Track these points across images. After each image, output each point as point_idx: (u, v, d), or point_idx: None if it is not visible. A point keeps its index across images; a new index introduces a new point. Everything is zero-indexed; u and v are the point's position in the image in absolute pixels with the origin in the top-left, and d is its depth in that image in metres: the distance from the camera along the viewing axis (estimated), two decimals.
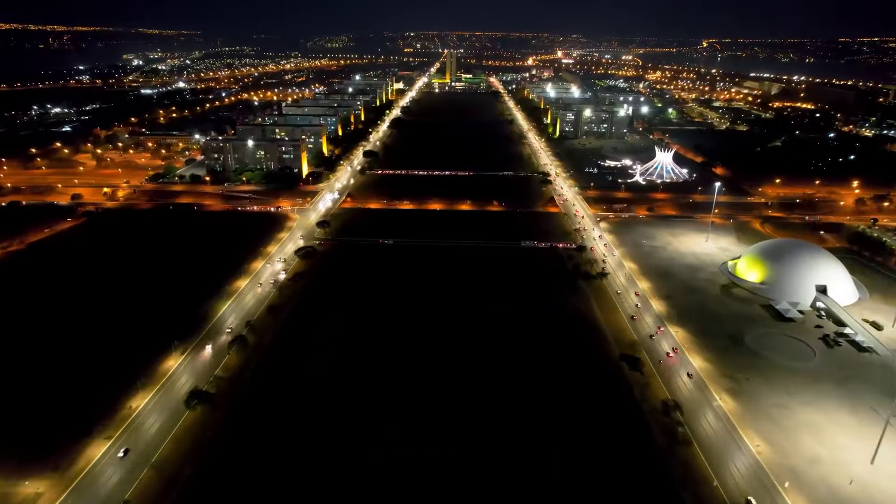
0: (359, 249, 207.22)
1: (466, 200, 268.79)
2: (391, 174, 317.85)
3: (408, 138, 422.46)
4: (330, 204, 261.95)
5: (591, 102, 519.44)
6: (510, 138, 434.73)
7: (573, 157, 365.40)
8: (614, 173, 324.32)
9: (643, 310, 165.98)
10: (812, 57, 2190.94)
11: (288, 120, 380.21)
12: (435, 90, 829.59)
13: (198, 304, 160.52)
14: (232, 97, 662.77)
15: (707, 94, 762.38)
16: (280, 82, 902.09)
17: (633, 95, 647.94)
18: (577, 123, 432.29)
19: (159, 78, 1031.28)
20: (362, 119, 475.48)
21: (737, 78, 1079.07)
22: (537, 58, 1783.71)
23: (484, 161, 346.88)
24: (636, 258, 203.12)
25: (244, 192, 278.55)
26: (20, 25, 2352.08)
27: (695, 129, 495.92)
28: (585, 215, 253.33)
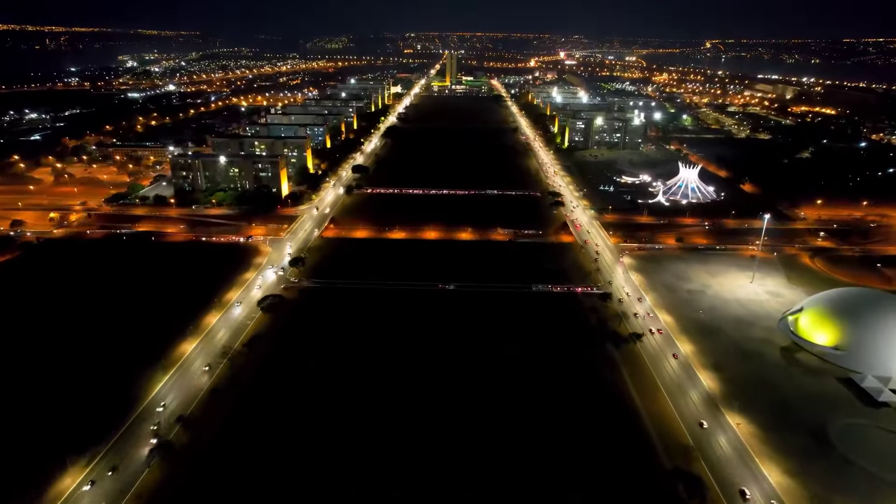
0: (336, 297, 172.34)
1: (467, 227, 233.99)
2: (382, 193, 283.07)
3: (403, 149, 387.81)
4: (310, 231, 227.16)
5: (600, 109, 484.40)
6: (515, 149, 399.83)
7: (585, 172, 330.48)
8: (633, 192, 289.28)
9: (688, 382, 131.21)
10: (817, 58, 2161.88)
11: (271, 131, 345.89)
12: (434, 93, 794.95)
13: (124, 382, 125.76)
14: (220, 102, 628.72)
15: (720, 98, 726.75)
16: (273, 85, 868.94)
17: (643, 100, 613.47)
18: (587, 133, 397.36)
19: (150, 80, 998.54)
20: (354, 127, 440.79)
21: (746, 80, 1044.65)
22: (539, 59, 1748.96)
23: (486, 177, 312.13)
24: (672, 307, 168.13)
25: (213, 216, 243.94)
26: (17, 26, 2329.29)
27: (712, 138, 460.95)
28: (605, 246, 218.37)
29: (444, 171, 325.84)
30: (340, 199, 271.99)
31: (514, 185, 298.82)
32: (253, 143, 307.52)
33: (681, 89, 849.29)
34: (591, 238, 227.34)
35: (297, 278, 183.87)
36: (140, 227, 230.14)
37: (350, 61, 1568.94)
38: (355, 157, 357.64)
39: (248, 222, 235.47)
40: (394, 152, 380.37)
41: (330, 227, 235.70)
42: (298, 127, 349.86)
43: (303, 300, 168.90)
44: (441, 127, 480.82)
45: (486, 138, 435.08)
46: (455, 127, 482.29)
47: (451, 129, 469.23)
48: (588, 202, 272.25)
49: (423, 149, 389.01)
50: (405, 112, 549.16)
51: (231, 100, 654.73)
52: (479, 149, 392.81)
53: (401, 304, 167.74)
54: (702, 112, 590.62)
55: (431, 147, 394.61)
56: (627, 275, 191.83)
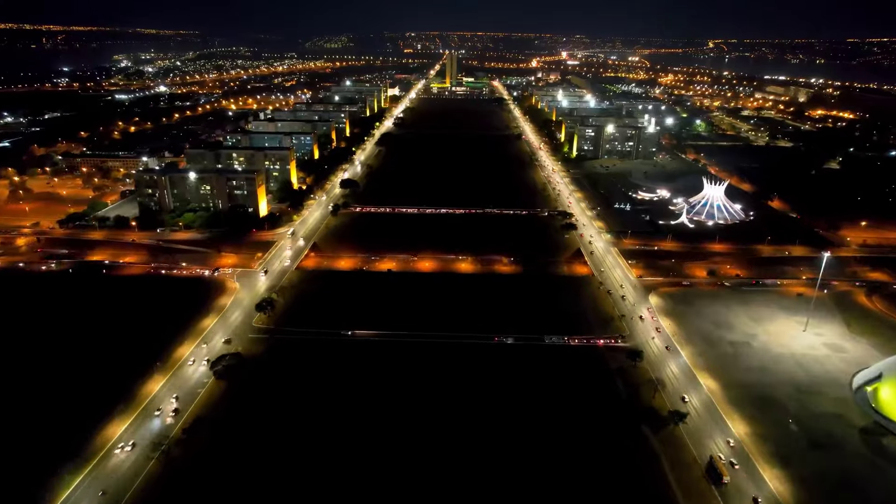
0: (308, 353, 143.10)
1: (467, 255, 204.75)
2: (373, 213, 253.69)
3: (398, 159, 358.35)
4: (287, 262, 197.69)
5: (609, 114, 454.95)
6: (519, 159, 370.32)
7: (597, 185, 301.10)
8: (651, 210, 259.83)
9: (750, 484, 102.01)
10: (822, 58, 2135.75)
11: (253, 140, 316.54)
12: (434, 95, 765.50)
13: (28, 490, 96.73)
14: (208, 105, 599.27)
15: (732, 101, 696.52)
16: (267, 87, 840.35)
17: (651, 103, 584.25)
18: (597, 141, 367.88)
19: (141, 81, 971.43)
20: (347, 134, 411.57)
21: (755, 82, 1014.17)
22: (541, 59, 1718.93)
23: (489, 191, 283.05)
24: (715, 368, 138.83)
25: (180, 242, 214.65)
26: (14, 25, 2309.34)
27: (729, 146, 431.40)
28: (626, 279, 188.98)
29: (441, 184, 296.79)
30: (325, 220, 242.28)
31: (519, 202, 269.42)
32: (231, 155, 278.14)
33: (689, 91, 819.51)
34: (609, 268, 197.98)
35: (264, 325, 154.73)
36: (94, 256, 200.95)
37: (349, 61, 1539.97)
38: (346, 169, 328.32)
39: (218, 249, 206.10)
40: (388, 163, 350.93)
41: (310, 255, 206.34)
42: (283, 136, 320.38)
43: (267, 360, 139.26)
44: (439, 133, 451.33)
45: (488, 146, 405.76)
46: (454, 133, 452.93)
47: (450, 136, 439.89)
48: (603, 223, 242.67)
49: (419, 158, 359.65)
50: (402, 116, 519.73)
51: (221, 102, 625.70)
52: (481, 158, 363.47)
53: (385, 363, 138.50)
54: (714, 116, 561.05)
55: (429, 156, 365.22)
56: (656, 319, 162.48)
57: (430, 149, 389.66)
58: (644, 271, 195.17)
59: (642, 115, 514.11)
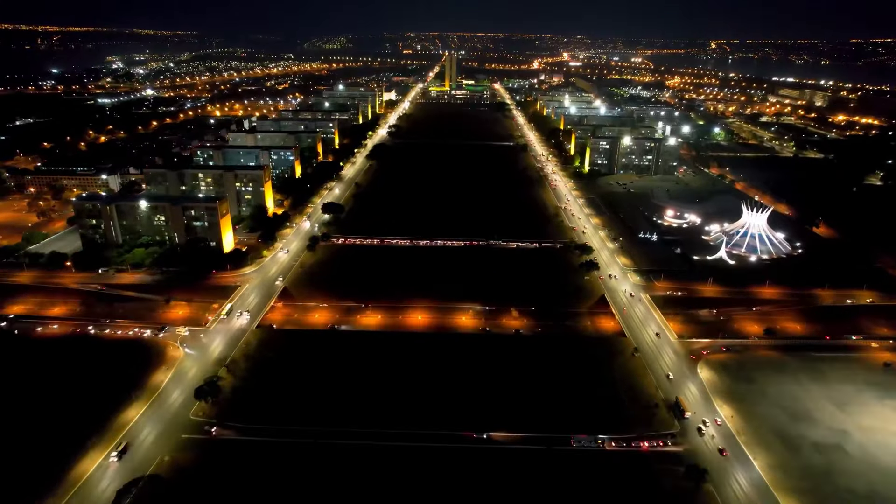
0: (258, 464, 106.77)
1: (468, 305, 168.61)
2: (358, 246, 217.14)
3: (390, 176, 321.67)
4: (246, 319, 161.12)
5: (623, 123, 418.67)
6: (526, 174, 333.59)
7: (615, 208, 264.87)
8: (681, 241, 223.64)
9: None
10: (827, 59, 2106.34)
11: (226, 156, 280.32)
12: (432, 99, 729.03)
13: None
14: (191, 111, 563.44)
15: (747, 106, 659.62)
16: (259, 90, 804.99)
17: (664, 109, 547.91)
18: (612, 155, 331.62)
19: (129, 84, 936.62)
20: (336, 145, 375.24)
21: (765, 84, 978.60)
22: (543, 60, 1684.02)
23: (493, 216, 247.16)
24: (802, 490, 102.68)
25: (124, 286, 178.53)
26: (10, 25, 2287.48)
27: (753, 157, 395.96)
28: (666, 341, 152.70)
29: (439, 208, 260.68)
30: (301, 256, 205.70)
31: (529, 230, 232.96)
32: (197, 176, 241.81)
33: (699, 95, 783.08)
34: (642, 323, 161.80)
35: (205, 417, 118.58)
36: (12, 308, 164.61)
37: (346, 63, 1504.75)
38: (331, 188, 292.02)
39: (167, 299, 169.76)
40: (379, 180, 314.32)
41: (277, 305, 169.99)
42: (261, 151, 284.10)
43: (198, 486, 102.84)
44: (438, 143, 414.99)
45: (491, 158, 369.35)
46: (454, 143, 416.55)
47: (449, 146, 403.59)
48: (628, 259, 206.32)
49: (414, 174, 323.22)
50: (397, 124, 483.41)
51: (206, 108, 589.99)
52: (483, 174, 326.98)
53: (368, 485, 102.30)
54: (732, 123, 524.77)
55: (425, 172, 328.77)
56: (711, 404, 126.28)
57: (427, 162, 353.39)
58: (685, 327, 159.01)
59: (655, 123, 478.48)
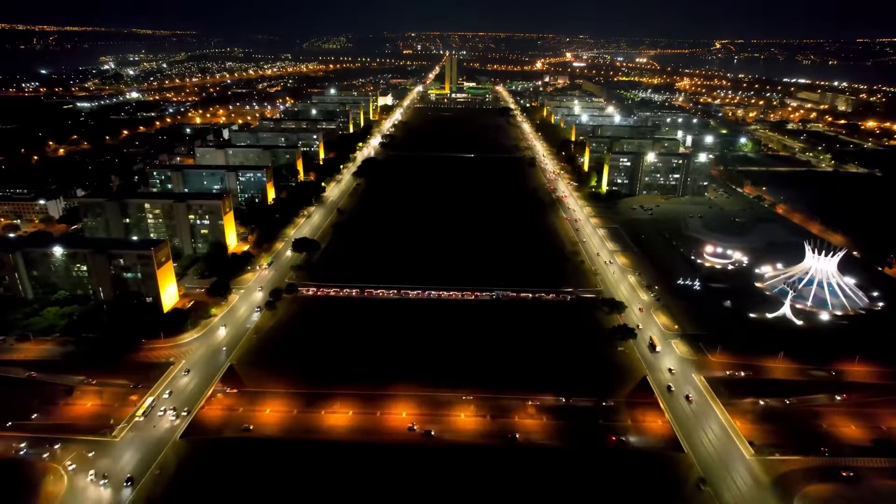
0: None
1: (468, 393, 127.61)
2: (332, 297, 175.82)
3: (378, 200, 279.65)
4: (171, 419, 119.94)
5: (642, 134, 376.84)
6: (536, 196, 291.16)
7: (644, 244, 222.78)
8: (730, 290, 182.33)
9: None
10: (835, 59, 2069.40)
11: (187, 178, 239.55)
12: (431, 104, 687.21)
13: None
14: (168, 119, 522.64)
15: (767, 111, 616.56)
16: (249, 93, 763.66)
17: (681, 115, 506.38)
18: (634, 173, 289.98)
19: (115, 86, 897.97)
20: (321, 159, 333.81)
21: (779, 86, 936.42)
22: (546, 61, 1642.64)
23: (498, 253, 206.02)
24: None
25: (23, 363, 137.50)
26: (7, 25, 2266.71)
27: (787, 171, 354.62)
28: (740, 457, 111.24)
29: (433, 241, 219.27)
30: (259, 316, 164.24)
31: (542, 274, 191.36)
32: (143, 206, 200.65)
33: (714, 99, 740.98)
34: (699, 421, 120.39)
35: None
36: None
37: (343, 64, 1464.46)
38: (310, 214, 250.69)
39: (69, 389, 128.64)
40: (365, 203, 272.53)
41: (218, 395, 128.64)
42: (227, 172, 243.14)
43: None
44: (434, 157, 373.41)
45: (495, 175, 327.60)
46: (453, 156, 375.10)
47: (447, 160, 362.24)
48: (669, 317, 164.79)
49: (406, 197, 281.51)
50: (392, 133, 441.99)
51: (188, 114, 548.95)
52: (486, 196, 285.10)
53: None
54: (756, 131, 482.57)
55: (419, 194, 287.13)
56: None
57: (422, 180, 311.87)
58: (761, 435, 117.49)
59: (673, 132, 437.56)
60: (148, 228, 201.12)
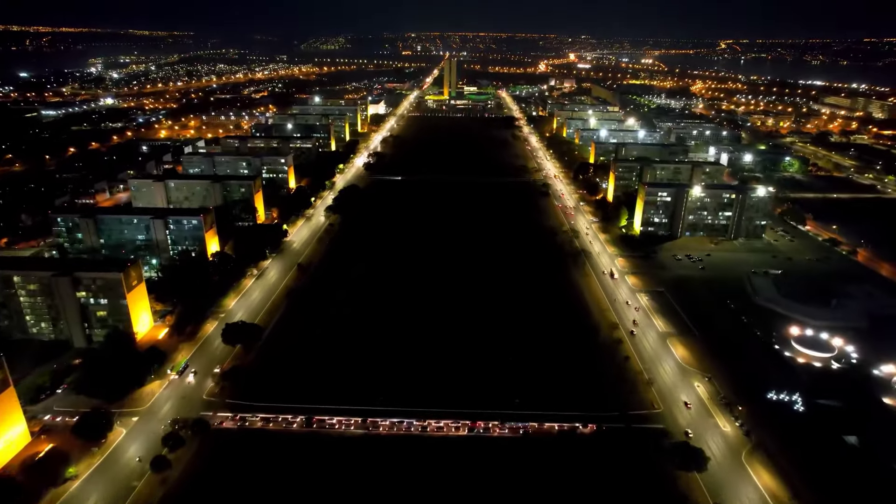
0: None
1: None
2: (264, 435, 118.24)
3: (352, 249, 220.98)
4: None
5: (672, 151, 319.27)
6: (553, 241, 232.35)
7: (701, 315, 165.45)
8: (847, 416, 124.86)
9: None
10: (844, 59, 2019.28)
11: (102, 228, 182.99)
12: (429, 110, 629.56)
13: None
14: (129, 132, 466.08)
15: (801, 120, 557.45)
16: (233, 99, 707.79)
17: (709, 128, 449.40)
18: (674, 210, 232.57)
19: (92, 91, 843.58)
20: (290, 188, 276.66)
21: (798, 89, 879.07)
22: (549, 62, 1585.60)
23: (515, 346, 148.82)
24: None
25: None
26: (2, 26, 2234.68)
27: (850, 199, 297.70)
28: None
29: (419, 324, 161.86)
30: (144, 477, 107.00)
31: (577, 385, 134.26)
32: (11, 279, 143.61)
33: (738, 105, 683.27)
34: None
35: None
36: None
37: (339, 66, 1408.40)
38: (261, 273, 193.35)
39: None
40: (334, 256, 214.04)
41: None
42: (154, 220, 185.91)
43: None
44: (428, 182, 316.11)
45: (502, 210, 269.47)
46: (449, 181, 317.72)
47: (442, 186, 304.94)
48: (771, 472, 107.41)
49: (387, 244, 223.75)
50: (380, 151, 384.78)
51: (156, 126, 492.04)
52: (491, 242, 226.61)
53: None
54: (791, 143, 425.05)
55: (404, 238, 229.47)
56: None
57: (410, 218, 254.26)
58: None
59: (703, 148, 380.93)
60: (22, 310, 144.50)
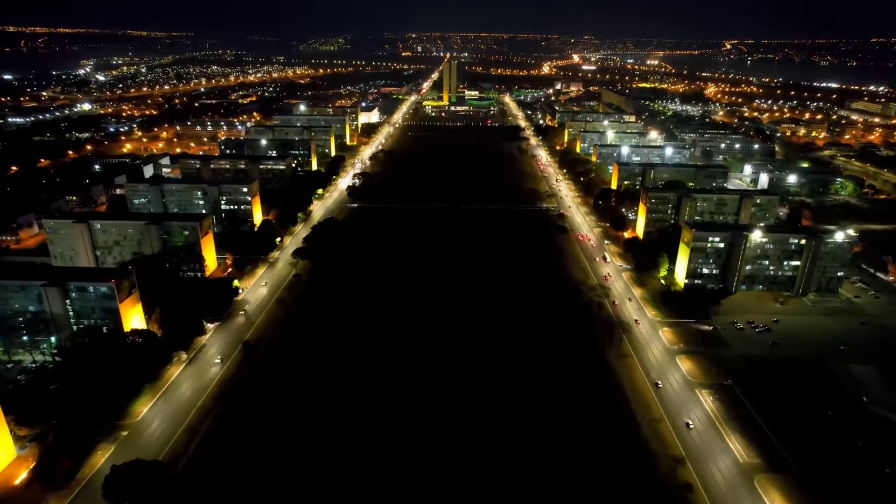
0: None
1: None
2: None
3: (320, 314, 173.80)
4: None
5: (712, 174, 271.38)
6: (581, 303, 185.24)
7: (787, 427, 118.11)
8: None
9: None
10: (853, 60, 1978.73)
11: None
12: (426, 118, 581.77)
13: None
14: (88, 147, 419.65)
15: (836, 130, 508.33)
16: (218, 105, 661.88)
17: (739, 141, 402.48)
18: (728, 260, 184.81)
19: (73, 95, 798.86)
20: (254, 223, 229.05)
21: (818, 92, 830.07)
22: (553, 63, 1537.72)
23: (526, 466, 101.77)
24: None
25: None
26: None
27: None
28: None
29: (410, 431, 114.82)
30: None
31: None
32: None
33: (761, 112, 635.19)
34: None
35: None
36: None
37: (336, 68, 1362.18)
38: (199, 351, 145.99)
39: None
40: (295, 326, 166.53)
41: None
42: (47, 289, 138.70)
43: None
44: (421, 211, 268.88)
45: (512, 251, 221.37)
46: (447, 211, 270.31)
47: (439, 218, 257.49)
48: None
49: (365, 306, 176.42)
50: (368, 168, 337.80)
51: (124, 138, 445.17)
52: (501, 303, 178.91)
53: None
54: (831, 157, 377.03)
55: (387, 295, 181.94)
56: None
57: (397, 262, 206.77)
58: None
59: (738, 167, 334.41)
60: None
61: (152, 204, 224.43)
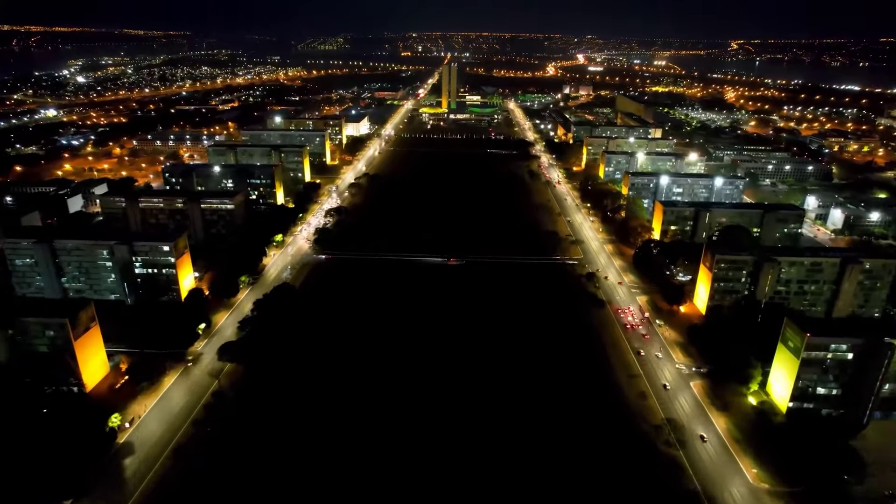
0: None
1: None
2: None
3: (244, 462, 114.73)
4: None
5: (778, 215, 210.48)
6: (640, 439, 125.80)
7: None
8: None
9: None
10: (865, 61, 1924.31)
11: None
12: (423, 129, 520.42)
13: None
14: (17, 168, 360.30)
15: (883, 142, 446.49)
16: (196, 112, 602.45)
17: (784, 159, 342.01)
18: (856, 377, 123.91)
19: (41, 99, 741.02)
20: (179, 294, 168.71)
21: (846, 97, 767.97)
22: (558, 64, 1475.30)
23: None
24: None
25: None
26: None
27: None
28: None
29: None
30: None
31: None
32: None
33: (797, 122, 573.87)
34: None
35: None
36: None
37: (331, 69, 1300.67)
38: None
39: None
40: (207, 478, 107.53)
41: None
42: None
43: None
44: (407, 267, 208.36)
45: (531, 339, 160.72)
46: (442, 268, 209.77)
47: (431, 277, 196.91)
48: None
49: (322, 447, 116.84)
50: (344, 203, 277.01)
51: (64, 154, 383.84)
52: (515, 447, 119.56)
53: None
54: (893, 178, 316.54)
55: (348, 433, 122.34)
56: None
57: (369, 356, 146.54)
58: None
59: (800, 197, 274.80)
60: None
61: (40, 268, 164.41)
